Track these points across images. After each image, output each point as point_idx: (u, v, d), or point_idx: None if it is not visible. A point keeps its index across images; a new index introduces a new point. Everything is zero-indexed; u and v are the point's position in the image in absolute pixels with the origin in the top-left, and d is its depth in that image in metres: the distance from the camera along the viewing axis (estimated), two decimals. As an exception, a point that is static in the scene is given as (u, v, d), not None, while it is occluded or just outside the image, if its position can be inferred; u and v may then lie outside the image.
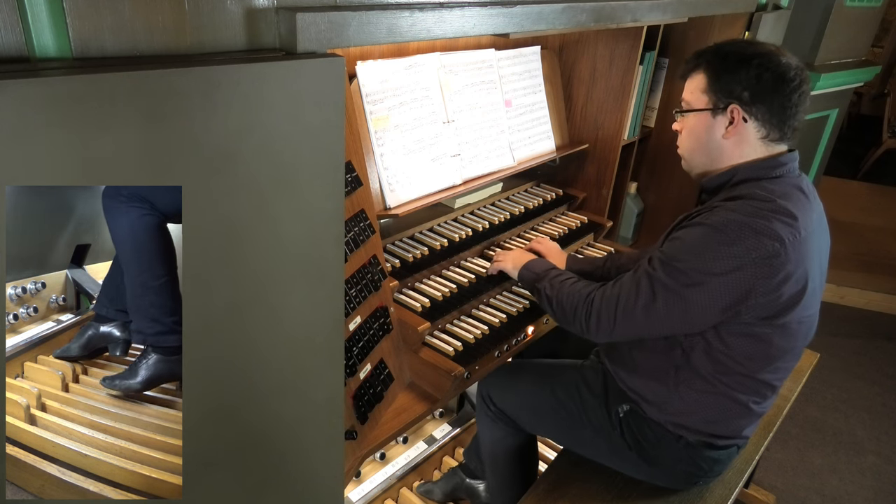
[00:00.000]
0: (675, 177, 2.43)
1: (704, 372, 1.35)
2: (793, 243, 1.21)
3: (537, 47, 2.04)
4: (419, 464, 2.12)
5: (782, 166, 1.31)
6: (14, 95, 0.65)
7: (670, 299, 1.26)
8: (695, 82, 1.37)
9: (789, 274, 1.22)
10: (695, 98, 1.37)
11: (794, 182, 1.31)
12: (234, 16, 0.88)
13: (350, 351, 1.26)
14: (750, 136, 1.32)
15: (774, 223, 1.20)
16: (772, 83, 1.27)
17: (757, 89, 1.28)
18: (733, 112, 1.31)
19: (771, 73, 1.27)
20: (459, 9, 1.16)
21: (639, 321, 1.30)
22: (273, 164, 0.88)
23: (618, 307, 1.32)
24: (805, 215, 1.25)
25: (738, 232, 1.20)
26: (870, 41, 3.34)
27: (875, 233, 4.57)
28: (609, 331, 1.35)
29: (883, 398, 3.08)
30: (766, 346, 1.30)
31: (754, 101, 1.29)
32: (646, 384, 1.43)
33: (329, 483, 1.20)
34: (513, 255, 1.67)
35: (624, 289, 1.33)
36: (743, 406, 1.38)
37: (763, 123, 1.30)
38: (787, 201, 1.24)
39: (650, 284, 1.28)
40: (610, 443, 1.51)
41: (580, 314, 1.38)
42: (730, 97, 1.31)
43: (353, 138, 1.29)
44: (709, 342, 1.31)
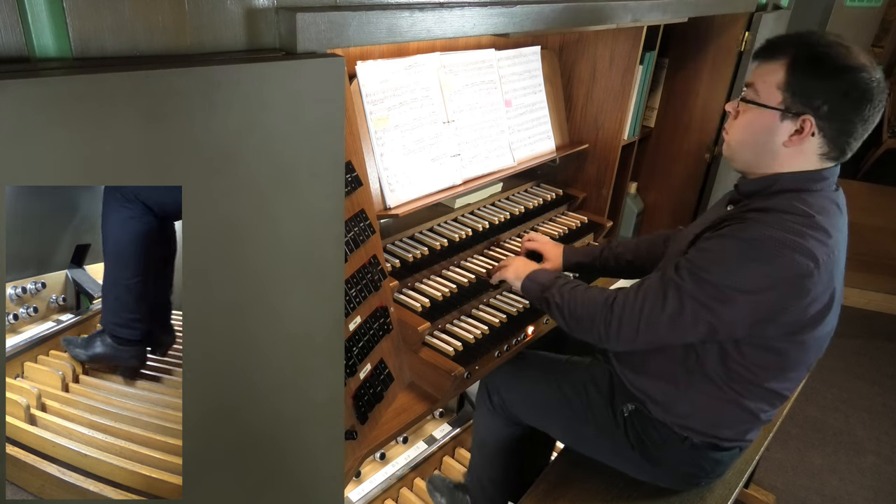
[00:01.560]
0: (675, 177, 2.43)
1: (716, 377, 1.32)
2: (826, 263, 1.16)
3: (537, 47, 2.04)
4: (419, 464, 2.12)
5: (824, 180, 1.24)
6: (14, 95, 0.65)
7: (698, 312, 1.21)
8: (771, 72, 1.22)
9: (820, 293, 1.19)
10: (766, 90, 1.23)
11: (831, 196, 1.24)
12: (234, 16, 0.88)
13: (350, 351, 1.26)
14: (810, 150, 1.22)
15: (810, 241, 1.15)
16: (857, 103, 1.16)
17: (839, 106, 1.17)
18: (805, 122, 1.19)
19: (860, 92, 1.15)
20: (459, 9, 1.16)
21: (662, 331, 1.26)
22: (273, 164, 0.88)
23: (642, 316, 1.26)
24: (838, 233, 1.21)
25: (772, 249, 1.14)
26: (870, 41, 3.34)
27: (875, 233, 4.57)
28: (632, 339, 1.29)
29: (883, 398, 3.08)
30: (781, 359, 1.28)
31: (831, 117, 1.18)
32: (654, 385, 1.42)
33: (329, 483, 1.20)
34: (515, 265, 1.60)
35: (649, 297, 1.26)
36: (750, 413, 1.37)
37: (829, 141, 1.20)
38: (824, 217, 1.18)
39: (678, 295, 1.22)
40: (613, 442, 1.51)
41: (598, 322, 1.32)
42: (807, 105, 1.18)
43: (353, 138, 1.29)
44: (725, 350, 1.29)
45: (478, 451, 1.84)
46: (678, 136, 2.35)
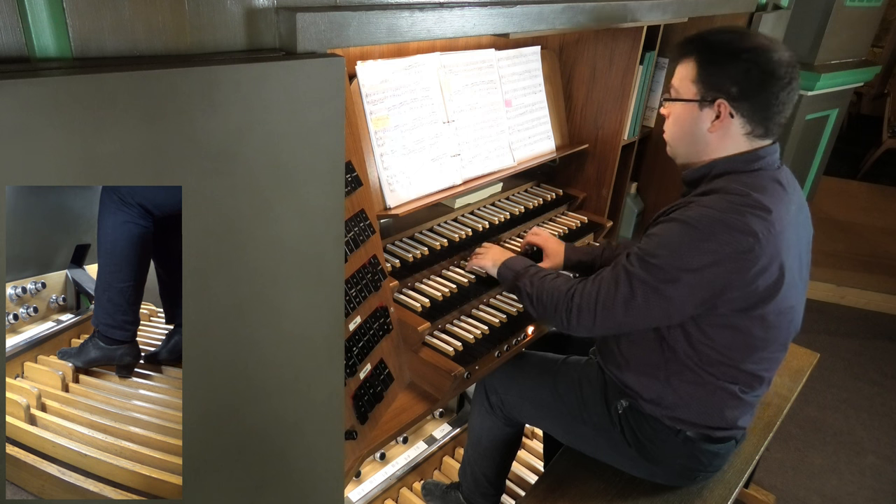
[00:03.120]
0: (675, 177, 2.41)
1: (690, 363, 1.37)
2: (767, 237, 1.22)
3: (537, 47, 2.04)
4: (419, 464, 2.12)
5: (761, 160, 1.31)
6: (14, 95, 0.65)
7: (648, 295, 1.28)
8: (685, 70, 1.35)
9: (764, 267, 1.23)
10: (683, 86, 1.36)
11: (772, 175, 1.31)
12: (234, 16, 0.88)
13: (350, 351, 1.26)
14: (734, 132, 1.32)
15: (748, 217, 1.21)
16: (760, 80, 1.26)
17: (745, 85, 1.27)
18: (720, 107, 1.30)
19: (760, 69, 1.25)
20: (459, 9, 1.16)
21: (618, 316, 1.32)
22: (273, 164, 0.88)
23: (597, 303, 1.34)
24: (781, 208, 1.25)
25: (711, 227, 1.21)
26: (870, 41, 3.34)
27: (875, 233, 4.57)
28: (590, 325, 1.36)
29: (883, 398, 3.08)
30: (745, 337, 1.32)
31: (742, 97, 1.28)
32: (638, 380, 1.45)
33: (329, 483, 1.20)
34: (492, 252, 1.66)
35: (603, 284, 1.34)
36: (731, 395, 1.39)
37: (748, 120, 1.30)
38: (762, 195, 1.24)
39: (628, 280, 1.29)
40: (610, 439, 1.52)
41: (560, 309, 1.40)
42: (717, 91, 1.29)
43: (353, 138, 1.29)
44: (689, 333, 1.34)
45: (472, 448, 1.86)
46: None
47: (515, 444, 1.84)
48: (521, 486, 2.14)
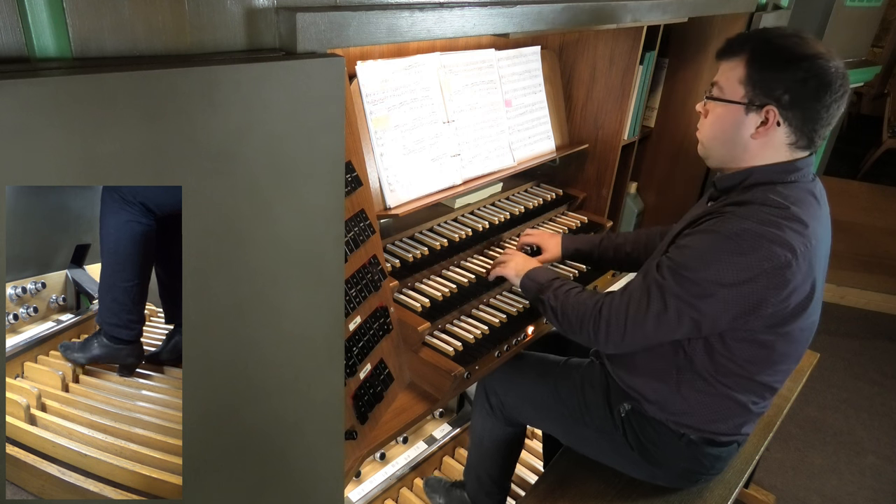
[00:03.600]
0: (675, 177, 2.43)
1: (705, 373, 1.34)
2: (804, 253, 1.18)
3: (537, 47, 2.04)
4: (419, 464, 2.12)
5: (798, 171, 1.26)
6: (14, 95, 0.64)
7: (682, 309, 1.24)
8: (733, 68, 1.27)
9: (800, 284, 1.20)
10: (730, 86, 1.27)
11: (807, 187, 1.27)
12: (234, 16, 0.88)
13: (350, 351, 1.26)
14: (778, 141, 1.25)
15: (787, 233, 1.17)
16: (815, 90, 1.19)
17: (799, 94, 1.20)
18: (768, 113, 1.23)
19: (818, 79, 1.19)
20: (459, 9, 1.16)
21: (649, 330, 1.28)
22: (273, 164, 0.88)
23: (628, 317, 1.29)
24: (815, 222, 1.22)
25: (750, 242, 1.17)
26: (870, 41, 3.33)
27: (875, 233, 4.57)
28: (619, 341, 1.32)
29: (883, 398, 3.08)
30: (768, 352, 1.29)
31: (793, 105, 1.21)
32: (646, 384, 1.43)
33: (329, 483, 1.20)
34: (514, 261, 1.62)
35: (633, 298, 1.29)
36: (742, 406, 1.38)
37: (795, 130, 1.24)
38: (800, 208, 1.20)
39: (661, 294, 1.25)
40: (612, 442, 1.51)
41: (587, 325, 1.36)
42: (768, 97, 1.22)
43: (353, 138, 1.29)
44: (711, 346, 1.31)
45: (475, 449, 1.85)
46: (678, 136, 2.34)
47: (518, 444, 1.83)
48: (521, 487, 2.14)
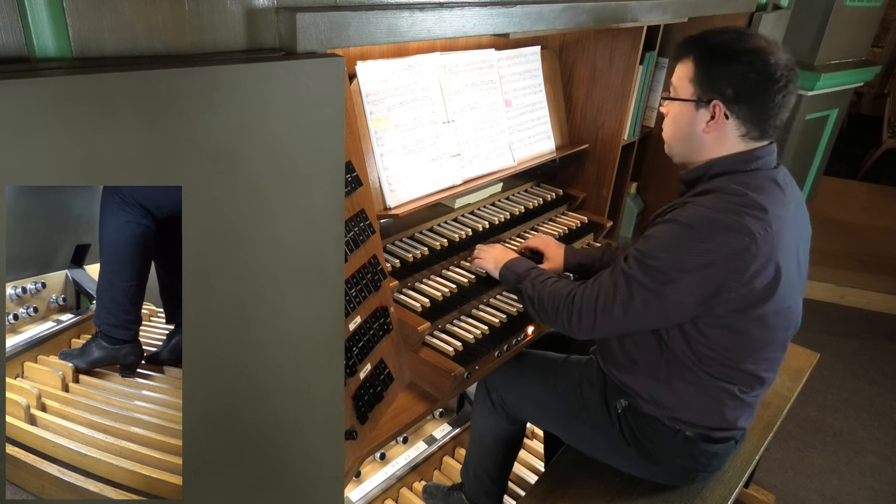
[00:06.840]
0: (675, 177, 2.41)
1: (690, 364, 1.37)
2: (763, 237, 1.22)
3: (537, 47, 2.04)
4: (419, 464, 2.12)
5: (758, 160, 1.32)
6: (14, 95, 0.65)
7: (647, 297, 1.28)
8: (683, 69, 1.36)
9: (761, 267, 1.24)
10: (681, 86, 1.37)
11: (769, 175, 1.32)
12: (234, 16, 0.88)
13: (350, 351, 1.26)
14: (729, 133, 1.32)
15: (745, 218, 1.22)
16: (757, 83, 1.26)
17: (741, 88, 1.27)
18: (715, 108, 1.31)
19: (758, 72, 1.25)
20: (459, 9, 1.16)
21: (618, 319, 1.33)
22: (273, 164, 0.88)
23: (597, 306, 1.34)
24: (778, 207, 1.26)
25: (709, 228, 1.22)
26: (870, 41, 3.33)
27: (875, 233, 4.57)
28: (589, 329, 1.37)
29: (883, 398, 3.08)
30: (743, 338, 1.32)
31: (738, 99, 1.28)
32: (637, 380, 1.45)
33: (329, 483, 1.20)
34: (494, 253, 1.66)
35: (603, 287, 1.35)
36: (730, 395, 1.39)
37: (743, 122, 1.30)
38: (759, 194, 1.25)
39: (627, 283, 1.30)
40: (609, 439, 1.52)
41: (561, 313, 1.40)
42: (714, 92, 1.30)
43: (353, 138, 1.29)
44: (688, 334, 1.34)
45: (475, 447, 1.86)
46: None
47: (518, 441, 1.85)
48: (521, 486, 2.14)
